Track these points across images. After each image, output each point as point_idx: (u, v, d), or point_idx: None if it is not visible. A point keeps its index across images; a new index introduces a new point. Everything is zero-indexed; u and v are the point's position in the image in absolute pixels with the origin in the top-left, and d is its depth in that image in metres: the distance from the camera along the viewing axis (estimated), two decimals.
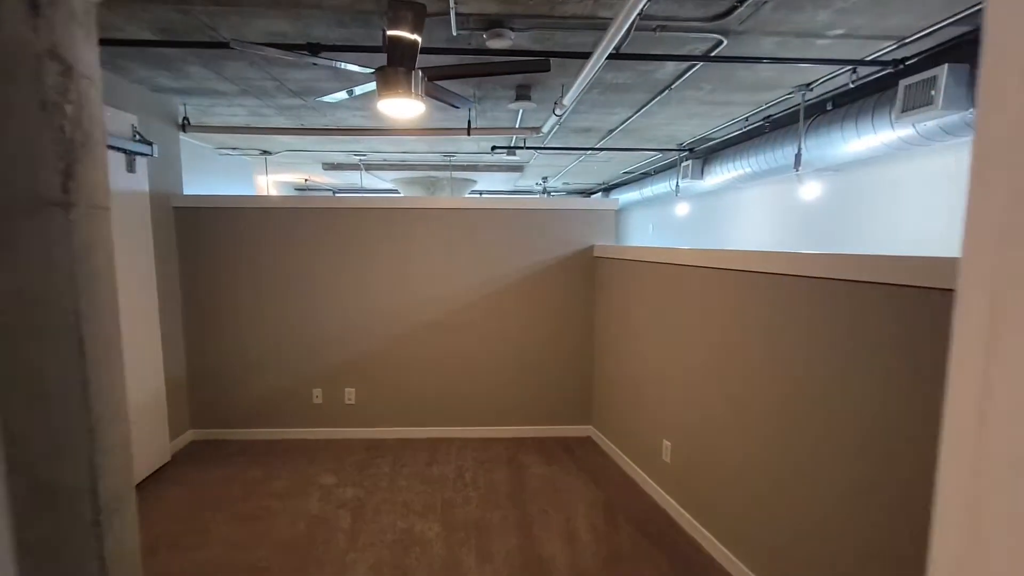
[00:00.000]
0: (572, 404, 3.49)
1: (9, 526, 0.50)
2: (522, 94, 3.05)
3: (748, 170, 4.15)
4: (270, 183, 7.76)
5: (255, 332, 3.32)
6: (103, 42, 2.31)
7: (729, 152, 4.47)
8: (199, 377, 3.35)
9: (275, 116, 3.75)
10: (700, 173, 4.97)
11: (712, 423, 2.15)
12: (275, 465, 3.05)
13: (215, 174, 5.30)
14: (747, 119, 3.84)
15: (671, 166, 6.30)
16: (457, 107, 2.61)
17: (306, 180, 7.85)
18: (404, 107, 2.06)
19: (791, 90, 3.15)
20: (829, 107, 3.30)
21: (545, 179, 8.48)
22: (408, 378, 3.40)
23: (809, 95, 3.17)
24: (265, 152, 5.33)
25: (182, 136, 4.72)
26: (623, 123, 4.07)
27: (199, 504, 2.61)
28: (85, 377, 0.56)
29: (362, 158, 5.78)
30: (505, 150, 4.88)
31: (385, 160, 5.99)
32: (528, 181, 8.73)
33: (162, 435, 3.03)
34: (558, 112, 3.00)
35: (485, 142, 4.92)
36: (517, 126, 3.86)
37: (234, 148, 5.09)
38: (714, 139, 4.70)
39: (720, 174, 4.70)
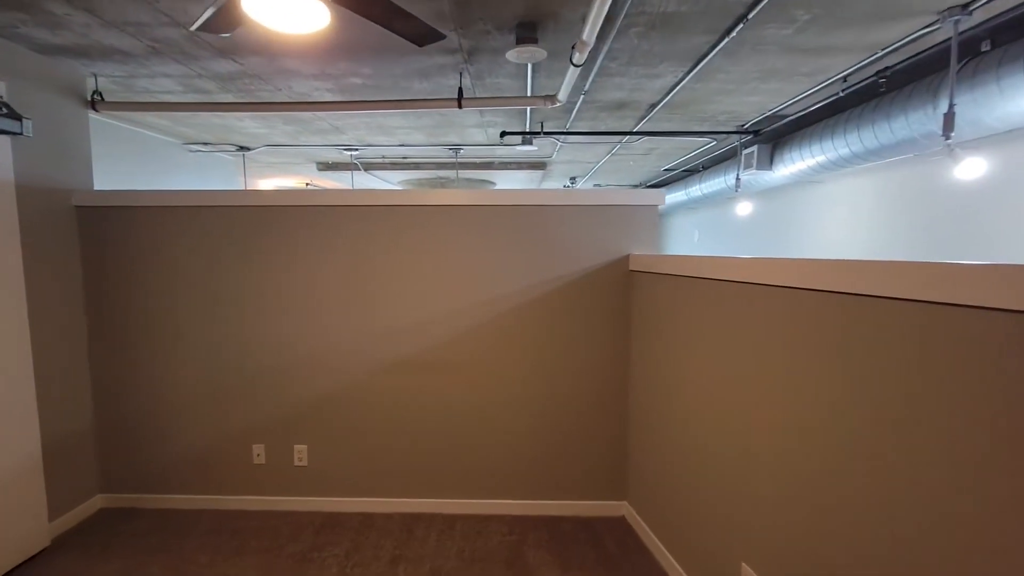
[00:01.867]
0: (599, 472, 2.54)
1: None
2: (525, 35, 2.12)
3: (844, 151, 3.04)
4: (266, 188, 7.11)
5: (184, 369, 2.57)
6: None
7: (814, 130, 3.37)
8: (112, 427, 2.63)
9: (219, 92, 2.96)
10: (768, 162, 3.88)
11: (835, 547, 1.12)
12: (185, 556, 2.24)
13: (188, 173, 4.60)
14: (845, 79, 2.76)
15: (726, 157, 5.21)
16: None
17: (308, 184, 7.15)
18: (288, 8, 1.17)
19: (936, 18, 2.07)
20: (986, 47, 2.21)
21: (573, 180, 7.54)
22: (377, 433, 2.58)
23: (965, 24, 2.07)
24: (243, 148, 4.61)
25: (148, 132, 4.13)
26: (670, 91, 3.07)
27: None
28: None
29: (355, 154, 4.98)
30: (519, 137, 3.95)
31: (383, 157, 5.17)
32: (554, 183, 7.79)
33: (34, 515, 2.22)
34: (577, 60, 2.05)
35: (493, 129, 4.00)
36: (528, 94, 2.93)
37: (204, 144, 4.37)
38: (787, 116, 3.62)
39: (796, 161, 3.60)
